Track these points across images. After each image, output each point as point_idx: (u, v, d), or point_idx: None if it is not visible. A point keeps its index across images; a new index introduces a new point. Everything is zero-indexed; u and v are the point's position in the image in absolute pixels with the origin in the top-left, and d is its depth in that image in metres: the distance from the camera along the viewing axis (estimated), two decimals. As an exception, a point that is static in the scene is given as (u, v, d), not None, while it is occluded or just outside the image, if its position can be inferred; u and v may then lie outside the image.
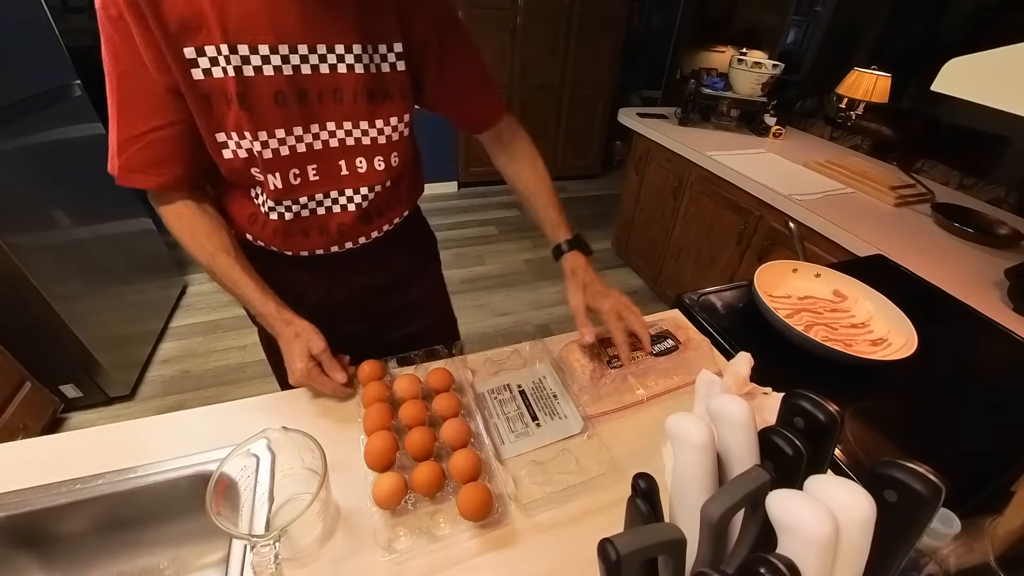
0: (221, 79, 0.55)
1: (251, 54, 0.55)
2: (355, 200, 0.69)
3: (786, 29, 2.30)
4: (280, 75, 0.57)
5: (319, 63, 0.59)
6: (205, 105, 0.57)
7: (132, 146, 0.58)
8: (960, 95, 0.76)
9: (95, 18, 0.53)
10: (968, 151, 1.62)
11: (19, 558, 0.56)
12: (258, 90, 0.57)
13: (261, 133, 0.59)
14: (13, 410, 1.38)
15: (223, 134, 0.59)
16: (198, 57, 0.54)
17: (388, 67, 0.64)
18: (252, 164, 0.62)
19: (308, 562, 0.51)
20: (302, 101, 0.60)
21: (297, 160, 0.63)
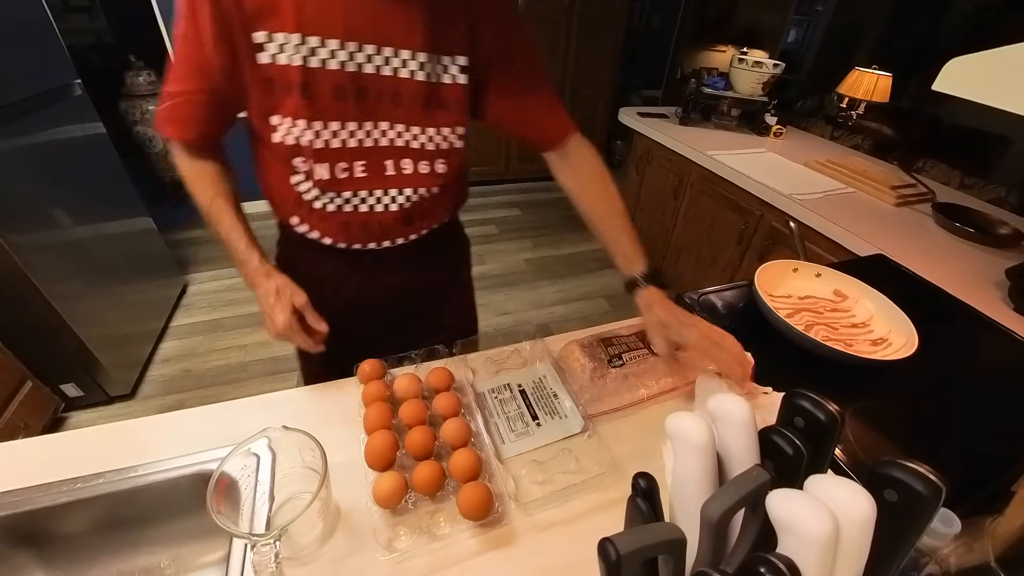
0: (285, 66, 0.57)
1: (319, 47, 0.57)
2: (398, 200, 0.70)
3: (787, 28, 2.29)
4: (343, 71, 0.59)
5: (382, 64, 0.61)
6: (264, 88, 0.59)
7: (169, 100, 0.63)
8: (961, 95, 0.76)
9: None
10: (969, 151, 1.61)
11: (20, 557, 0.56)
12: (320, 82, 0.59)
13: (316, 123, 0.61)
14: (14, 409, 1.38)
15: (277, 117, 0.61)
16: (267, 43, 0.56)
17: (449, 79, 0.66)
18: (298, 152, 0.63)
19: (308, 561, 0.51)
20: (360, 98, 0.62)
21: (346, 154, 0.65)
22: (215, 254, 2.60)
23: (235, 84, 0.60)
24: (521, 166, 3.44)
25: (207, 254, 2.59)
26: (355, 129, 0.63)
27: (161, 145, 2.77)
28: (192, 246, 2.65)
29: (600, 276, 2.59)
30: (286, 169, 0.66)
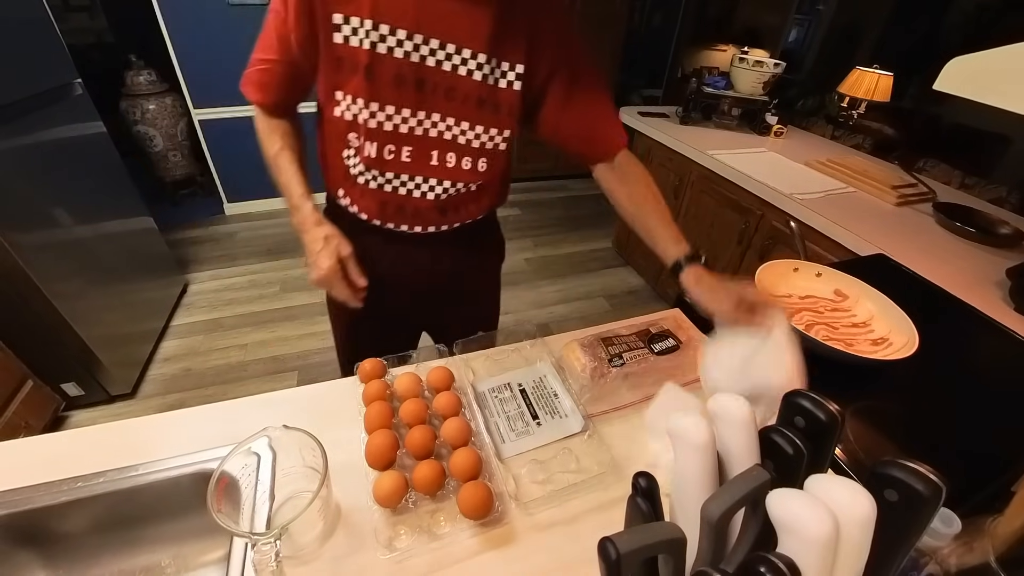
0: (356, 48, 0.62)
1: (388, 35, 0.62)
2: (436, 190, 0.74)
3: (788, 28, 2.29)
4: (407, 59, 0.63)
5: (444, 60, 0.64)
6: (335, 65, 0.65)
7: (253, 66, 0.71)
8: (962, 94, 0.76)
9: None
10: (970, 150, 1.61)
11: (21, 556, 0.57)
12: (384, 67, 0.63)
13: (373, 104, 0.65)
14: (15, 408, 1.38)
15: (341, 93, 0.67)
16: (342, 24, 0.61)
17: (505, 83, 0.69)
18: (354, 128, 0.69)
19: (309, 560, 0.51)
20: (419, 88, 0.66)
21: (396, 138, 0.69)
22: (215, 254, 2.60)
23: (310, 58, 0.66)
24: (521, 166, 3.44)
25: (207, 254, 2.60)
26: (408, 116, 0.67)
27: (162, 145, 2.77)
28: (192, 246, 2.65)
29: (601, 276, 2.59)
30: (341, 143, 0.72)
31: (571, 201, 3.39)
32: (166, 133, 2.75)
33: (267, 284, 2.37)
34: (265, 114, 0.76)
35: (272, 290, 2.33)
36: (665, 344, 0.76)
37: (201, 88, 2.57)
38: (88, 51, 3.01)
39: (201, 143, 2.72)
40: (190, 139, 2.84)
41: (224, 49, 2.48)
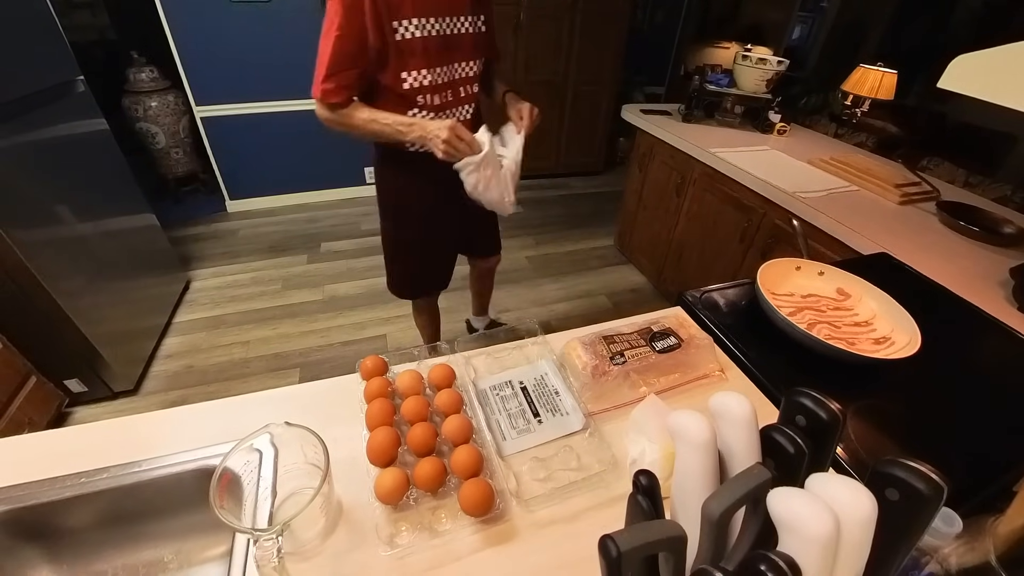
0: (411, 38, 0.96)
1: (426, 23, 0.96)
2: (468, 111, 1.15)
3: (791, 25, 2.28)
4: (440, 34, 0.99)
5: (456, 26, 1.02)
6: (399, 54, 0.97)
7: (330, 81, 0.97)
8: (967, 92, 0.76)
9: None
10: (974, 149, 1.60)
11: (25, 550, 0.57)
12: (428, 43, 0.98)
13: (428, 70, 1.01)
14: (19, 404, 1.38)
15: (406, 72, 1.00)
16: (398, 27, 0.94)
17: (479, 28, 1.08)
18: (420, 92, 1.03)
19: (310, 556, 0.51)
20: (448, 49, 1.03)
21: (444, 86, 1.06)
22: (217, 251, 2.61)
23: (377, 58, 0.96)
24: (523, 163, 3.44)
25: (209, 251, 2.60)
26: (446, 69, 1.04)
27: (164, 142, 2.78)
28: (195, 243, 2.66)
29: (602, 274, 2.58)
30: (410, 107, 1.04)
31: (572, 199, 3.38)
32: (168, 130, 2.75)
33: (269, 281, 2.38)
34: (342, 107, 1.02)
35: (274, 287, 2.33)
36: (667, 342, 0.76)
37: (203, 85, 2.57)
38: (90, 48, 3.01)
39: (203, 140, 2.73)
40: (192, 136, 2.84)
41: (226, 46, 2.49)
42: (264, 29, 2.50)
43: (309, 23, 2.56)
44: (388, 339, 2.05)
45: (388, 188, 1.24)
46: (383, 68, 0.98)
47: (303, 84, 2.95)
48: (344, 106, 1.01)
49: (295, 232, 2.81)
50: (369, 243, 2.73)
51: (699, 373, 0.76)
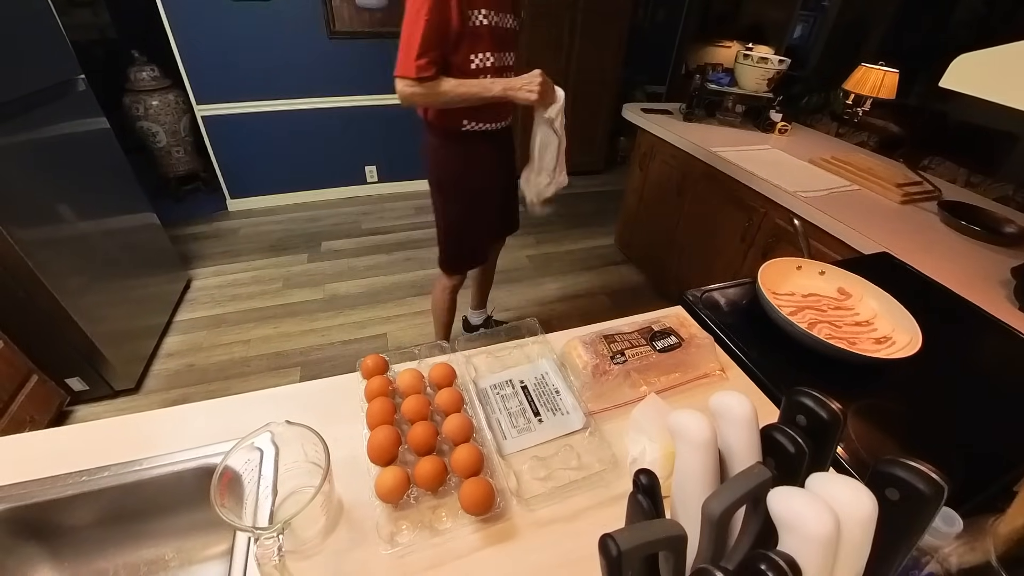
0: (480, 25, 1.13)
1: (492, 14, 1.14)
2: None
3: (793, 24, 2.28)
4: (498, 25, 1.17)
5: (506, 21, 1.20)
6: (472, 38, 1.13)
7: (422, 57, 1.09)
8: (969, 91, 0.75)
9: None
10: (976, 148, 1.60)
11: (27, 548, 0.57)
12: (491, 30, 1.15)
13: (493, 53, 1.18)
14: (20, 402, 1.39)
15: (474, 55, 1.16)
16: (472, 14, 1.11)
17: (516, 26, 1.25)
18: (484, 72, 1.19)
19: (311, 555, 0.51)
20: (503, 38, 1.20)
21: (500, 69, 1.22)
22: (218, 250, 2.61)
23: (456, 41, 1.12)
24: (524, 162, 3.44)
25: (210, 250, 2.61)
26: (501, 55, 1.21)
27: (165, 141, 2.78)
28: (195, 242, 2.66)
29: (602, 273, 2.58)
30: None
31: (573, 198, 3.38)
32: (169, 129, 2.75)
33: (270, 280, 2.38)
34: (428, 82, 1.14)
35: (275, 286, 2.34)
36: (667, 342, 0.76)
37: (204, 84, 2.57)
38: (91, 47, 3.01)
39: (204, 139, 2.73)
40: (193, 135, 2.85)
41: (227, 45, 2.49)
42: (265, 28, 2.50)
43: (310, 22, 2.56)
44: (388, 338, 2.05)
45: (447, 167, 1.37)
46: (456, 50, 1.13)
47: (304, 83, 2.95)
48: (432, 79, 1.14)
49: (296, 231, 2.81)
50: (370, 242, 2.73)
51: (699, 372, 0.76)
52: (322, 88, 2.76)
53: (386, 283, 2.39)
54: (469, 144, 1.32)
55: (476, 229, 1.49)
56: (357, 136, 2.99)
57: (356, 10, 2.59)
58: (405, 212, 3.06)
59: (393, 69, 1.13)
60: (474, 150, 1.34)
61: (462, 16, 1.09)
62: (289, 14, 2.51)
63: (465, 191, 1.40)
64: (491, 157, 1.37)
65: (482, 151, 1.34)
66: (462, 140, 1.30)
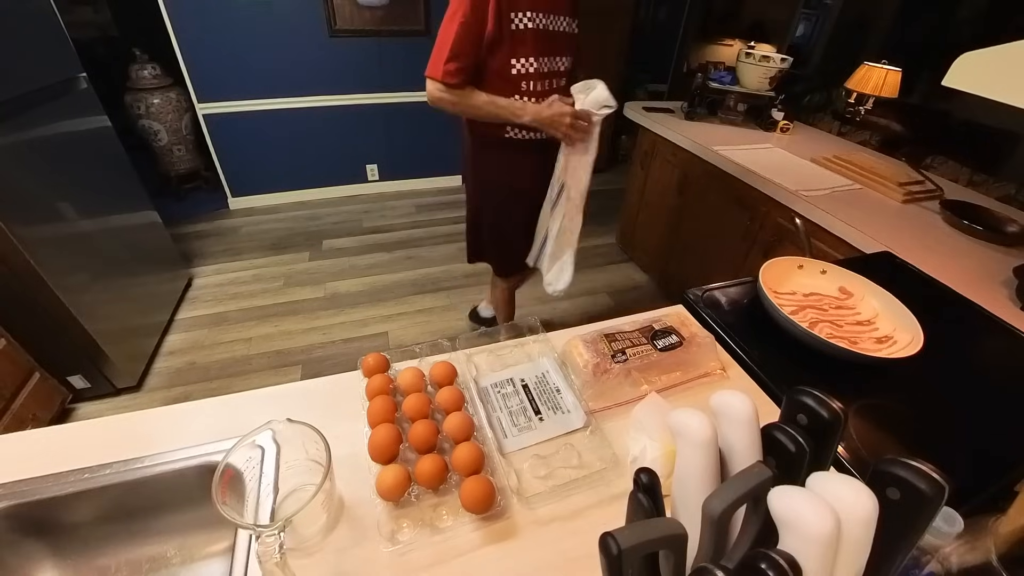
0: (524, 29, 1.08)
1: (537, 16, 1.08)
2: None
3: (795, 22, 2.27)
4: (546, 28, 1.11)
5: (558, 23, 1.14)
6: (512, 42, 1.08)
7: (452, 62, 1.08)
8: (972, 90, 0.75)
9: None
10: (979, 147, 1.59)
11: (30, 545, 0.57)
12: (537, 34, 1.09)
13: (535, 58, 1.12)
14: (22, 400, 1.39)
15: (514, 59, 1.11)
16: (515, 19, 1.06)
17: (575, 29, 1.20)
18: (526, 78, 1.14)
19: (312, 552, 0.52)
20: (552, 42, 1.14)
21: (546, 75, 1.16)
22: (219, 248, 2.61)
23: (491, 44, 1.08)
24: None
25: (212, 248, 2.61)
26: (548, 60, 1.15)
27: (166, 139, 2.78)
28: (197, 240, 2.67)
29: (604, 272, 2.58)
30: (512, 90, 1.14)
31: None
32: (171, 127, 2.75)
33: (271, 278, 2.38)
34: (458, 90, 1.13)
35: (276, 284, 2.34)
36: (668, 341, 0.76)
37: (205, 82, 2.57)
38: (92, 45, 3.01)
39: (205, 137, 2.73)
40: (194, 133, 2.85)
41: (228, 44, 2.49)
42: (266, 26, 2.50)
43: (311, 21, 2.56)
44: (390, 336, 2.05)
45: (488, 175, 1.34)
46: (494, 54, 1.09)
47: (305, 81, 2.95)
48: (460, 88, 1.12)
49: (297, 229, 2.81)
50: (371, 240, 2.73)
51: (700, 371, 0.76)
52: (323, 86, 2.76)
53: (387, 281, 2.39)
54: (513, 152, 1.25)
55: (521, 234, 1.41)
56: (358, 134, 2.99)
57: (357, 8, 2.58)
58: (406, 211, 3.06)
59: (394, 68, 1.12)
60: (518, 159, 1.26)
61: (502, 19, 1.04)
62: (290, 12, 2.50)
63: (508, 199, 1.35)
64: (537, 168, 1.27)
65: (527, 161, 1.26)
66: (505, 147, 1.24)
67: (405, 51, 2.77)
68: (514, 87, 1.14)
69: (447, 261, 2.56)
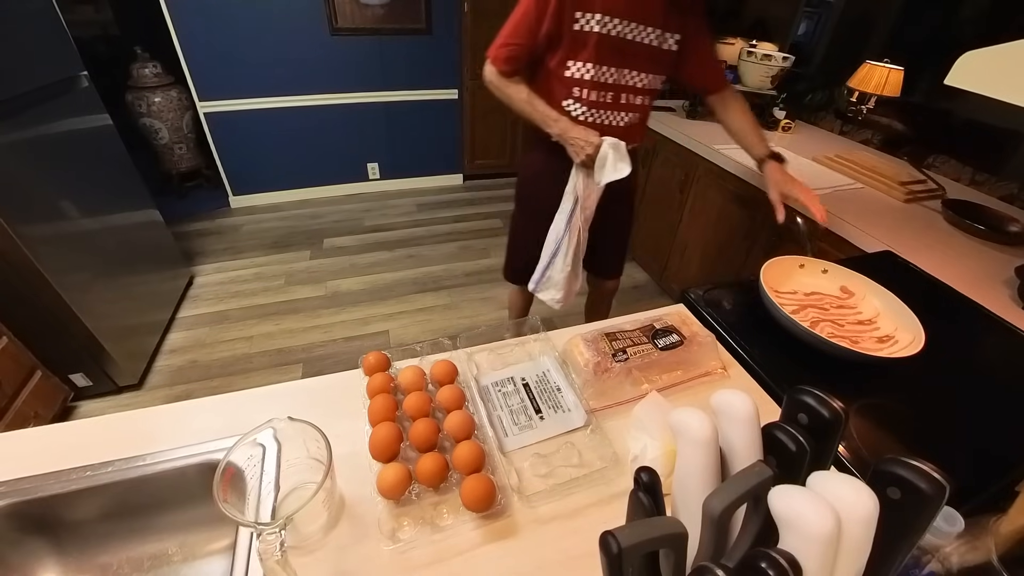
0: (588, 32, 1.00)
1: (608, 21, 0.99)
2: (624, 120, 1.14)
3: (797, 21, 2.26)
4: (617, 36, 1.01)
5: (636, 34, 1.03)
6: (572, 43, 1.02)
7: (504, 47, 1.06)
8: (974, 89, 0.75)
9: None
10: (981, 146, 1.59)
11: (32, 542, 0.58)
12: (604, 40, 1.01)
13: (595, 66, 1.03)
14: (25, 398, 1.40)
15: (571, 61, 1.04)
16: (580, 18, 0.99)
17: (667, 46, 1.08)
18: (578, 83, 1.06)
19: (313, 550, 0.52)
20: (621, 53, 1.04)
21: (605, 86, 1.07)
22: (221, 246, 2.62)
23: (547, 42, 1.03)
24: (526, 160, 3.42)
25: (213, 246, 2.61)
26: (614, 72, 1.06)
27: (167, 138, 2.78)
28: (198, 238, 2.67)
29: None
30: (565, 95, 1.08)
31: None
32: (172, 126, 2.75)
33: (272, 277, 2.38)
34: (504, 77, 1.10)
35: (277, 283, 2.34)
36: (669, 340, 0.76)
37: (206, 81, 2.57)
38: (94, 43, 3.01)
39: (207, 136, 2.73)
40: (195, 132, 2.85)
41: (229, 42, 2.48)
42: (267, 24, 2.50)
43: (312, 18, 2.56)
44: (390, 335, 2.05)
45: (525, 171, 1.31)
46: (552, 52, 1.04)
47: (306, 79, 2.95)
48: (508, 76, 1.09)
49: (298, 228, 2.81)
50: (372, 239, 2.73)
51: (701, 370, 0.76)
52: (324, 85, 2.76)
53: (388, 280, 2.39)
54: (554, 156, 1.14)
55: (532, 242, 1.29)
56: (359, 133, 2.99)
57: (358, 6, 2.58)
58: (407, 209, 3.06)
59: (395, 66, 1.10)
60: (557, 165, 1.14)
61: (564, 16, 0.97)
62: (291, 11, 2.50)
63: (536, 203, 1.26)
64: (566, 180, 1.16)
65: (561, 168, 1.14)
66: (547, 149, 1.16)
67: (406, 49, 2.76)
68: (566, 90, 1.07)
69: (448, 260, 2.56)
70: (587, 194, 1.15)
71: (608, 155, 1.05)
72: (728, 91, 1.21)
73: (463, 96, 3.03)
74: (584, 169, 1.11)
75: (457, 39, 2.86)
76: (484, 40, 2.92)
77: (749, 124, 1.20)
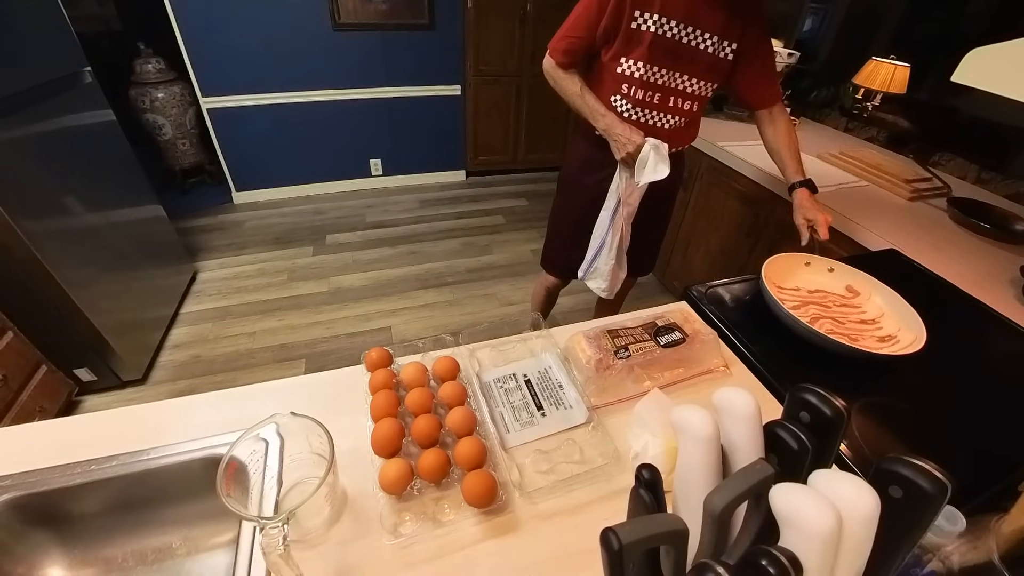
0: (644, 31, 1.01)
1: (666, 23, 1.00)
2: (670, 123, 1.14)
3: (802, 17, 2.24)
4: (672, 38, 1.02)
5: (692, 39, 1.03)
6: (627, 40, 1.03)
7: (564, 40, 1.09)
8: (981, 86, 0.74)
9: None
10: (987, 144, 1.58)
11: (37, 536, 0.58)
12: (657, 41, 1.01)
13: (647, 65, 1.04)
14: (30, 392, 1.41)
15: (624, 58, 1.05)
16: (638, 17, 1.00)
17: (723, 54, 1.07)
18: (628, 80, 1.07)
19: (316, 544, 0.52)
20: (675, 56, 1.04)
21: (654, 87, 1.08)
22: (224, 242, 2.62)
23: (604, 37, 1.04)
24: (529, 156, 3.42)
25: (216, 242, 2.62)
26: (665, 73, 1.06)
27: (170, 133, 2.79)
28: (201, 234, 2.68)
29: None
30: (614, 91, 1.10)
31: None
32: (175, 121, 2.76)
33: (275, 272, 2.39)
34: (561, 69, 1.13)
35: (280, 279, 2.35)
36: (671, 337, 0.76)
37: (209, 77, 2.57)
38: (97, 39, 3.01)
39: (210, 132, 2.73)
40: (199, 127, 2.85)
41: (232, 38, 2.48)
42: (270, 20, 2.50)
43: (315, 14, 2.55)
44: (393, 331, 2.06)
45: (568, 162, 1.32)
46: (609, 46, 1.06)
47: (309, 75, 2.95)
48: (565, 68, 1.12)
49: (301, 224, 2.82)
50: (374, 235, 2.73)
51: (703, 368, 0.76)
52: (327, 80, 2.76)
53: (391, 276, 2.39)
54: (598, 149, 1.17)
55: (573, 239, 1.34)
56: (362, 129, 2.98)
57: (361, 1, 2.57)
58: (410, 205, 3.06)
59: (398, 62, 1.10)
60: (600, 158, 1.18)
61: (621, 14, 0.99)
62: (294, 6, 2.50)
63: (576, 192, 1.29)
64: (612, 175, 1.19)
65: (605, 162, 1.17)
66: (592, 142, 1.19)
67: (409, 45, 2.75)
68: (615, 85, 1.09)
69: (450, 256, 2.56)
70: (629, 191, 1.17)
71: (649, 155, 1.06)
72: (778, 108, 1.18)
73: (466, 92, 3.02)
74: (626, 167, 1.13)
75: (460, 35, 2.84)
76: (487, 36, 2.92)
77: (791, 147, 1.17)
